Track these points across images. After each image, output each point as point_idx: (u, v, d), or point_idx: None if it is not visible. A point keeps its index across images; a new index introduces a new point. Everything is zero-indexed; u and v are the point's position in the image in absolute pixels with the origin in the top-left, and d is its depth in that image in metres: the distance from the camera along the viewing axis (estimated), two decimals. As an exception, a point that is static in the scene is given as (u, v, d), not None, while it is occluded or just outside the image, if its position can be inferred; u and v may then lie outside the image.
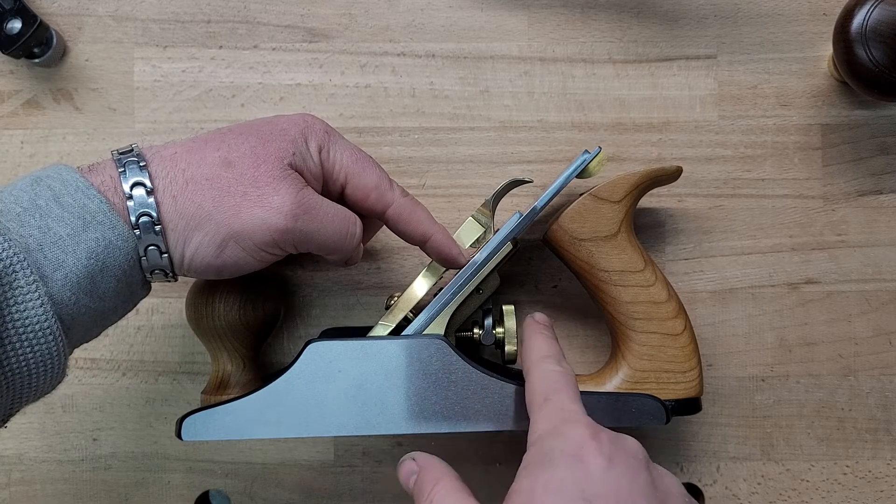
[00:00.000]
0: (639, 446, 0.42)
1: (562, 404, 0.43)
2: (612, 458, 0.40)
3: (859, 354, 0.58)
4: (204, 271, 0.44)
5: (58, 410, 0.57)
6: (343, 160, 0.47)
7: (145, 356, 0.58)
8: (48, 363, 0.39)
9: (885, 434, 0.58)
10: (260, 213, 0.43)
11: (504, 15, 0.58)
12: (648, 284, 0.51)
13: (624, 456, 0.40)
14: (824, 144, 0.58)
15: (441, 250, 0.50)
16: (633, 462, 0.41)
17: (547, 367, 0.46)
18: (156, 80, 0.58)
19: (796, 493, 0.58)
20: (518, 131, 0.58)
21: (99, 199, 0.40)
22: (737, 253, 0.58)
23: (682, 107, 0.58)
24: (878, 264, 0.58)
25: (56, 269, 0.39)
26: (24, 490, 0.58)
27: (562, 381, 0.45)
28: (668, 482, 0.42)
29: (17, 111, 0.58)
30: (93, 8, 0.58)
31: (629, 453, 0.41)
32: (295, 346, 0.58)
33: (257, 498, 0.58)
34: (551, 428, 0.42)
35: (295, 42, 0.58)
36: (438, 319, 0.51)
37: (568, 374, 0.46)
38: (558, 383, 0.45)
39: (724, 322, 0.58)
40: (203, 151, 0.44)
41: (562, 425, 0.42)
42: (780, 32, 0.58)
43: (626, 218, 0.51)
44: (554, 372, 0.45)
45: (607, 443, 0.41)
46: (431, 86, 0.58)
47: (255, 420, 0.48)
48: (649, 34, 0.58)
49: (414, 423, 0.49)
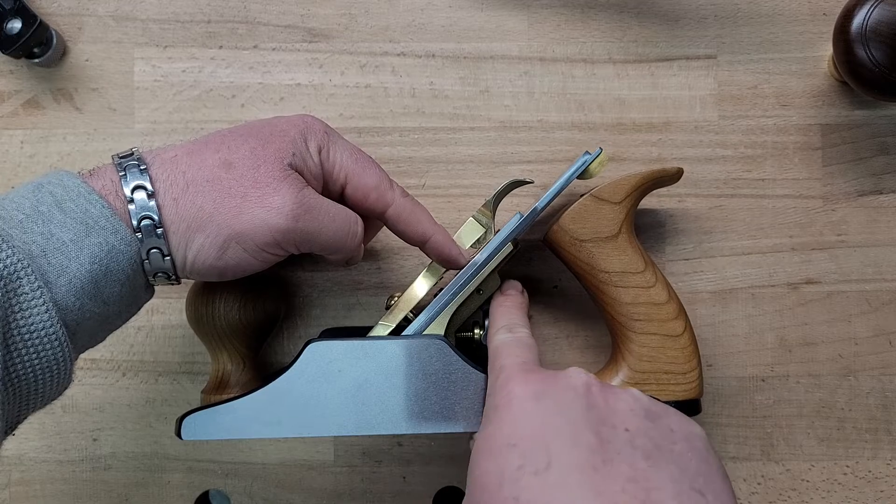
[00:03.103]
0: (579, 377, 0.42)
1: (501, 364, 0.45)
2: (540, 396, 0.40)
3: (859, 354, 0.58)
4: (206, 273, 0.44)
5: (58, 410, 0.57)
6: (343, 160, 0.47)
7: (145, 356, 0.58)
8: (54, 369, 0.39)
9: (885, 434, 0.58)
10: (261, 214, 0.43)
11: (504, 15, 0.58)
12: (649, 286, 0.51)
13: (555, 390, 0.41)
14: (824, 144, 0.58)
15: (441, 251, 0.50)
16: (568, 394, 0.40)
17: (497, 337, 0.48)
18: (156, 80, 0.58)
19: (796, 493, 0.58)
20: (518, 131, 0.58)
21: (101, 203, 0.40)
22: (737, 253, 0.58)
23: (682, 107, 0.58)
24: (878, 264, 0.58)
25: (60, 274, 0.39)
26: (24, 490, 0.58)
27: (504, 346, 0.47)
28: (614, 401, 0.41)
29: (17, 111, 0.58)
30: (93, 8, 0.58)
31: (564, 386, 0.41)
32: (295, 346, 0.58)
33: (257, 498, 0.58)
34: (489, 390, 0.44)
35: (295, 42, 0.58)
36: (439, 320, 0.51)
37: (514, 338, 0.47)
38: (501, 348, 0.47)
39: (724, 322, 0.58)
40: (203, 153, 0.44)
41: (495, 384, 0.43)
42: (780, 32, 0.58)
43: (626, 219, 0.51)
44: (501, 341, 0.47)
45: (536, 382, 0.41)
46: (431, 86, 0.58)
47: (255, 420, 0.48)
48: (649, 34, 0.58)
49: (414, 423, 0.49)
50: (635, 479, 0.36)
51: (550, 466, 0.37)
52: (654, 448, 0.38)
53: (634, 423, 0.39)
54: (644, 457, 0.38)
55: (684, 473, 0.37)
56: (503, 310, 0.51)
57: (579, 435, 0.38)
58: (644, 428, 0.39)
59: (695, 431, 0.41)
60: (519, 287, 0.53)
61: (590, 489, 0.36)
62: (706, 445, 0.40)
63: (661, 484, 0.36)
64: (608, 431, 0.39)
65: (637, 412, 0.40)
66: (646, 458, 0.38)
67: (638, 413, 0.40)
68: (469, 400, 0.49)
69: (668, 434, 0.40)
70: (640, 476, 0.37)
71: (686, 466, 0.38)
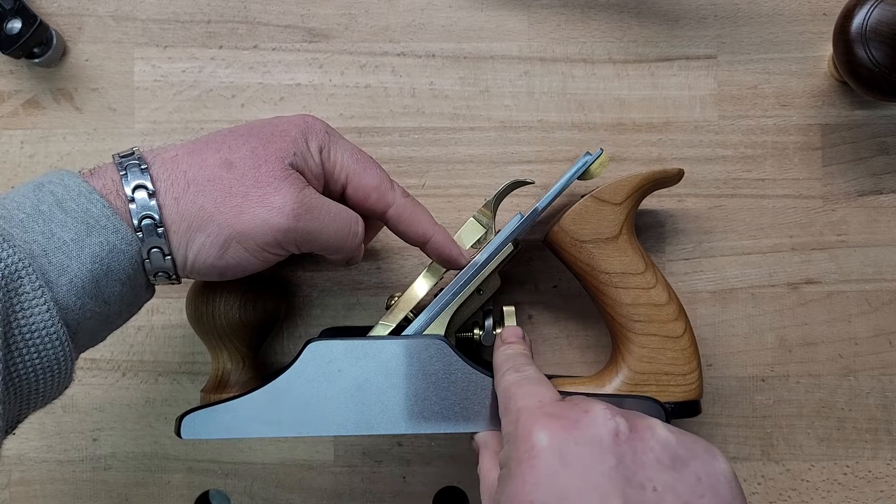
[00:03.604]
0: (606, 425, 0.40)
1: (518, 408, 0.43)
2: (564, 454, 0.39)
3: (859, 354, 0.58)
4: (207, 273, 0.44)
5: (58, 410, 0.57)
6: (344, 160, 0.47)
7: (145, 356, 0.58)
8: (55, 368, 0.39)
9: (885, 434, 0.58)
10: (262, 213, 0.43)
11: (504, 15, 0.58)
12: (649, 287, 0.51)
13: (581, 446, 0.39)
14: (824, 144, 0.58)
15: (441, 251, 0.50)
16: (593, 449, 0.39)
17: (506, 379, 0.46)
18: (156, 80, 0.58)
19: (796, 493, 0.58)
20: (518, 131, 0.58)
21: (101, 203, 0.40)
22: (737, 253, 0.58)
23: (682, 107, 0.58)
24: (878, 264, 0.58)
25: (61, 274, 0.39)
26: (24, 490, 0.58)
27: (516, 386, 0.45)
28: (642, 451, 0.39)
29: (17, 111, 0.57)
30: (93, 8, 0.58)
31: (590, 438, 0.39)
32: (295, 346, 0.58)
33: (257, 498, 0.58)
34: (507, 434, 0.42)
35: (295, 42, 0.58)
36: (439, 320, 0.51)
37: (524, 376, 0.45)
38: (513, 389, 0.45)
39: (724, 322, 0.58)
40: (204, 153, 0.44)
41: (516, 431, 0.41)
42: (780, 32, 0.58)
43: (627, 220, 0.51)
44: (510, 382, 0.45)
45: (560, 432, 0.39)
46: (431, 86, 0.58)
47: (255, 419, 0.48)
48: (649, 34, 0.58)
49: (414, 423, 0.49)
50: None
51: None
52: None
53: (662, 480, 0.38)
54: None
55: None
56: (505, 355, 0.49)
57: (606, 501, 0.37)
58: (671, 483, 0.38)
59: (721, 473, 0.39)
60: (520, 333, 0.51)
61: None
62: (731, 487, 0.39)
63: None
64: (635, 494, 0.37)
65: (664, 462, 0.39)
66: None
67: (665, 463, 0.39)
68: (469, 400, 0.49)
69: (696, 486, 0.38)
70: None
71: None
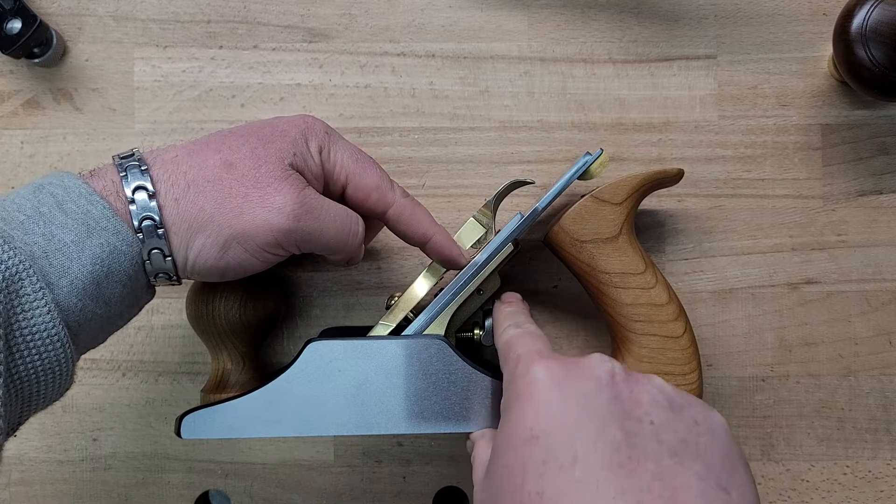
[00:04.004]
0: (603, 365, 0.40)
1: (517, 354, 0.44)
2: (563, 385, 0.39)
3: (859, 354, 0.58)
4: (207, 273, 0.44)
5: (58, 410, 0.57)
6: (344, 161, 0.47)
7: (145, 356, 0.58)
8: (56, 370, 0.39)
9: (885, 434, 0.58)
10: (262, 214, 0.43)
11: (504, 15, 0.58)
12: (649, 287, 0.51)
13: (578, 380, 0.40)
14: (824, 144, 0.58)
15: (441, 251, 0.50)
16: (591, 384, 0.39)
17: (506, 333, 0.47)
18: (156, 80, 0.58)
19: (796, 493, 0.58)
20: (518, 131, 0.58)
21: (102, 204, 0.40)
22: (737, 253, 0.58)
23: (682, 107, 0.58)
24: (878, 264, 0.58)
25: (62, 275, 0.39)
26: (24, 490, 0.58)
27: (515, 338, 0.46)
28: (639, 392, 0.40)
29: (17, 111, 0.57)
30: (93, 8, 0.57)
31: (587, 375, 0.40)
32: (295, 346, 0.58)
33: (257, 498, 0.58)
34: (507, 381, 0.43)
35: (295, 42, 0.58)
36: (439, 320, 0.51)
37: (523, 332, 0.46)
38: (512, 341, 0.46)
39: (724, 322, 0.58)
40: (204, 154, 0.44)
41: (514, 372, 0.42)
42: (780, 32, 0.58)
43: (627, 220, 0.51)
44: (511, 335, 0.47)
45: (558, 368, 0.40)
46: (431, 86, 0.58)
47: (255, 419, 0.48)
48: (649, 34, 0.58)
49: (414, 423, 0.49)
50: (661, 477, 0.36)
51: (576, 462, 0.36)
52: (680, 442, 0.38)
53: (659, 416, 0.39)
54: (670, 454, 0.37)
55: (710, 470, 0.37)
56: (506, 312, 0.50)
57: (605, 429, 0.37)
58: (669, 420, 0.39)
59: (718, 422, 0.40)
60: (518, 297, 0.52)
61: (615, 487, 0.35)
62: (729, 437, 0.40)
63: (686, 482, 0.36)
64: (633, 425, 0.38)
65: (661, 403, 0.39)
66: (671, 454, 0.37)
67: (662, 404, 0.39)
68: (469, 400, 0.49)
69: (693, 427, 0.39)
70: (666, 474, 0.36)
71: (711, 462, 0.38)
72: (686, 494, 0.35)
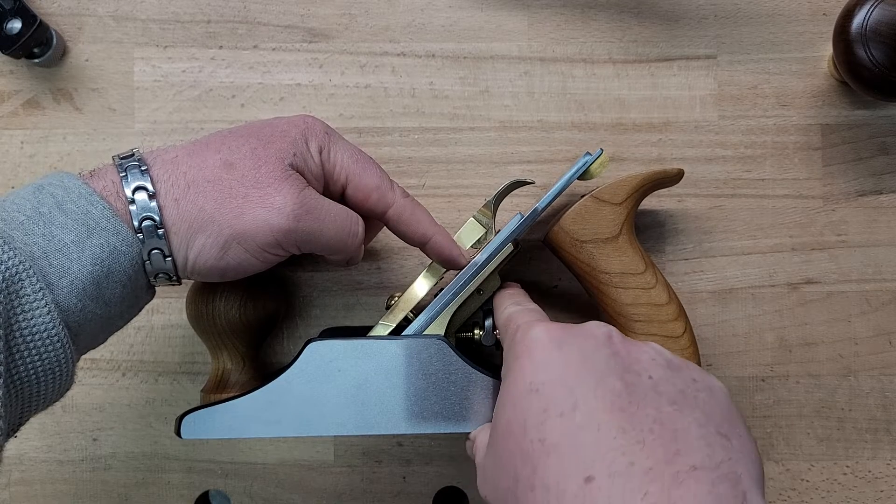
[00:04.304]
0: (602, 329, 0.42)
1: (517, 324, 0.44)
2: (562, 343, 0.41)
3: (859, 354, 0.58)
4: (207, 274, 0.44)
5: (58, 410, 0.57)
6: (344, 161, 0.47)
7: (145, 356, 0.58)
8: (56, 371, 0.39)
9: (885, 434, 0.58)
10: (262, 214, 0.43)
11: (504, 15, 0.58)
12: (649, 287, 0.51)
13: (576, 338, 0.41)
14: (824, 144, 0.58)
15: (441, 251, 0.50)
16: (589, 342, 0.41)
17: (507, 310, 0.48)
18: (156, 80, 0.58)
19: (796, 493, 0.58)
20: (518, 131, 0.58)
21: (102, 204, 0.40)
22: (737, 253, 0.58)
23: (682, 107, 0.58)
24: (878, 264, 0.58)
25: (62, 276, 0.39)
26: (24, 490, 0.58)
27: (516, 313, 0.47)
28: (637, 351, 0.41)
29: (17, 111, 0.57)
30: (93, 8, 0.57)
31: (585, 335, 0.41)
32: (295, 346, 0.58)
33: (257, 498, 0.58)
34: (506, 352, 0.44)
35: (295, 42, 0.58)
36: (439, 320, 0.51)
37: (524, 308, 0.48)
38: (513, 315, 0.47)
39: (724, 322, 0.58)
40: (204, 154, 0.44)
41: (514, 338, 0.43)
42: (780, 32, 0.58)
43: (627, 220, 0.51)
44: (511, 311, 0.48)
45: (557, 329, 0.42)
46: (431, 86, 0.58)
47: (255, 419, 0.48)
48: (649, 34, 0.58)
49: (414, 423, 0.49)
50: (661, 421, 0.37)
51: (576, 408, 0.37)
52: (679, 394, 0.39)
53: (657, 372, 0.40)
54: (669, 402, 0.38)
55: (709, 419, 0.38)
56: (506, 293, 0.51)
57: (604, 379, 0.38)
58: (667, 376, 0.40)
59: (716, 384, 0.41)
60: (518, 286, 0.53)
61: (616, 427, 0.36)
62: (727, 398, 0.41)
63: (686, 426, 0.37)
64: (632, 378, 0.39)
65: (659, 362, 0.40)
66: (671, 403, 0.38)
67: (660, 363, 0.40)
68: (469, 400, 0.49)
69: (692, 383, 0.40)
70: (666, 418, 0.37)
71: (710, 412, 0.38)
72: (686, 437, 0.36)
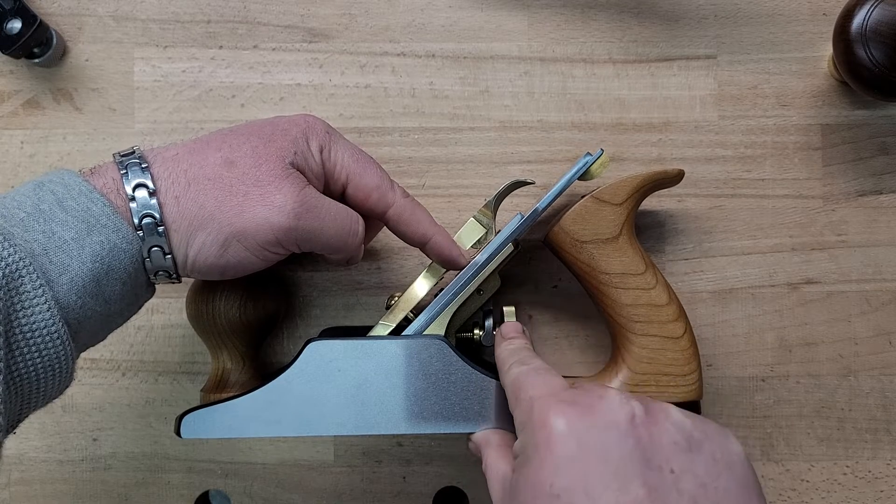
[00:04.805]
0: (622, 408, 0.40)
1: (530, 396, 0.42)
2: (582, 438, 0.39)
3: (859, 354, 0.58)
4: (207, 272, 0.44)
5: (58, 410, 0.57)
6: (344, 160, 0.47)
7: (145, 356, 0.58)
8: (56, 367, 0.39)
9: (885, 434, 0.58)
10: (262, 212, 0.43)
11: (504, 15, 0.58)
12: (649, 287, 0.51)
13: (598, 430, 0.39)
14: (824, 144, 0.58)
15: (441, 252, 0.50)
16: (611, 433, 0.39)
17: (512, 372, 0.46)
18: (156, 80, 0.58)
19: (796, 493, 0.58)
20: (518, 131, 0.58)
21: (102, 202, 0.40)
22: (737, 253, 0.58)
23: (682, 107, 0.58)
24: (878, 264, 0.58)
25: (62, 273, 0.39)
26: (24, 490, 0.58)
27: (524, 377, 0.45)
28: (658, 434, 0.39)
29: (17, 111, 0.57)
30: (93, 8, 0.58)
31: (607, 423, 0.39)
32: (295, 346, 0.58)
33: (257, 498, 0.58)
34: (521, 423, 0.42)
35: (295, 42, 0.58)
36: (439, 320, 0.51)
37: (530, 369, 0.45)
38: (521, 380, 0.44)
39: (724, 322, 0.58)
40: (205, 152, 0.44)
41: (530, 419, 0.41)
42: (780, 32, 0.58)
43: (627, 221, 0.51)
44: (518, 373, 0.45)
45: (576, 417, 0.39)
46: (431, 86, 0.58)
47: (255, 418, 0.48)
48: (649, 34, 0.58)
49: (414, 423, 0.49)
50: None
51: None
52: (699, 488, 0.38)
53: (679, 462, 0.38)
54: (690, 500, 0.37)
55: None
56: (508, 350, 0.49)
57: (627, 487, 0.37)
58: (688, 464, 0.39)
59: (734, 453, 0.40)
60: (520, 328, 0.51)
61: None
62: (745, 467, 0.40)
63: None
64: (654, 477, 0.38)
65: (680, 444, 0.39)
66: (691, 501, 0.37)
67: (681, 445, 0.39)
68: (469, 400, 0.49)
69: (712, 466, 0.39)
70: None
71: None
72: None
